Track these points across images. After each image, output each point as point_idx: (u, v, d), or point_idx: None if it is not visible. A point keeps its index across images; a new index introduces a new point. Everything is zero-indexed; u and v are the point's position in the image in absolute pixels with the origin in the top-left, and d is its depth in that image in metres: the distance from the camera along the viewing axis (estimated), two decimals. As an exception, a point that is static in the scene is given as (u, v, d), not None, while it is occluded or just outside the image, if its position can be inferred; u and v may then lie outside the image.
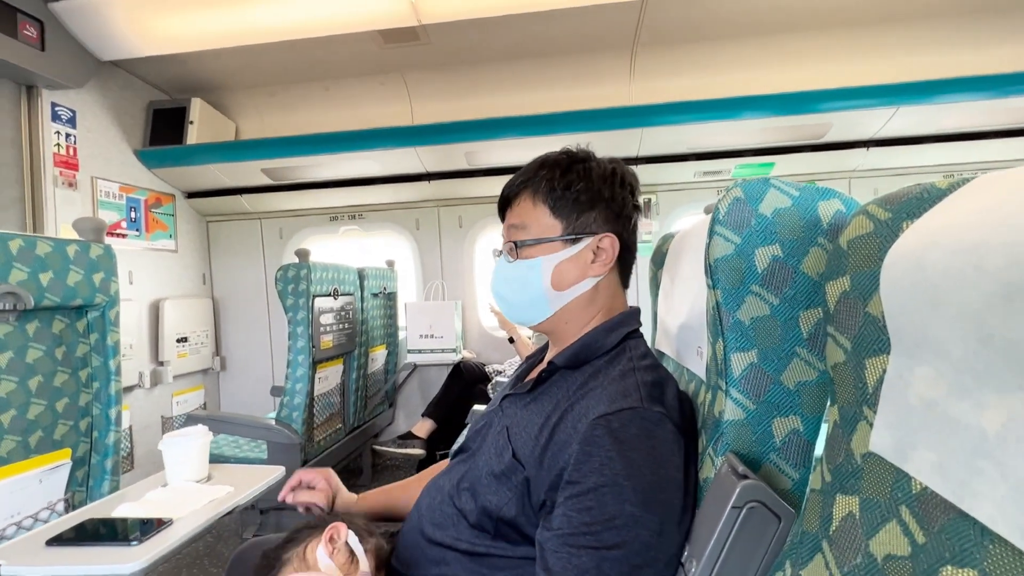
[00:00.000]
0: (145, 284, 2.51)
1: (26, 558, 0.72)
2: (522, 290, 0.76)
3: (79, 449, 1.09)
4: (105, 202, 2.32)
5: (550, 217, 0.74)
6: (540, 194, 0.74)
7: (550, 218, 0.74)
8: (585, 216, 0.73)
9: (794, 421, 0.52)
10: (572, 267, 0.74)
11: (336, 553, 0.68)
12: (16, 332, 0.97)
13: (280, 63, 2.43)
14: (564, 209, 0.73)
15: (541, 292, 0.74)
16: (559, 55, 2.49)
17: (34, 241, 0.96)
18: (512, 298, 0.78)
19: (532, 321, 0.78)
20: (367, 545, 0.70)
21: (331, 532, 0.70)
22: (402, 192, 2.82)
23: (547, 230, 0.74)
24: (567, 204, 0.73)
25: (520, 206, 0.77)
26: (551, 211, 0.74)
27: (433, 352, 2.61)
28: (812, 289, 0.52)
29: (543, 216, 0.74)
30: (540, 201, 0.74)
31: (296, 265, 1.95)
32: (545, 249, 0.74)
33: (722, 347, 0.56)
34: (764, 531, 0.47)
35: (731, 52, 2.46)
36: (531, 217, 0.75)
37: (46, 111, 2.07)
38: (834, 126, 2.32)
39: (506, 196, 0.80)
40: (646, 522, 0.54)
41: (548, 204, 0.74)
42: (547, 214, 0.74)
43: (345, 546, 0.69)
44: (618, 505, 0.54)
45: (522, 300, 0.76)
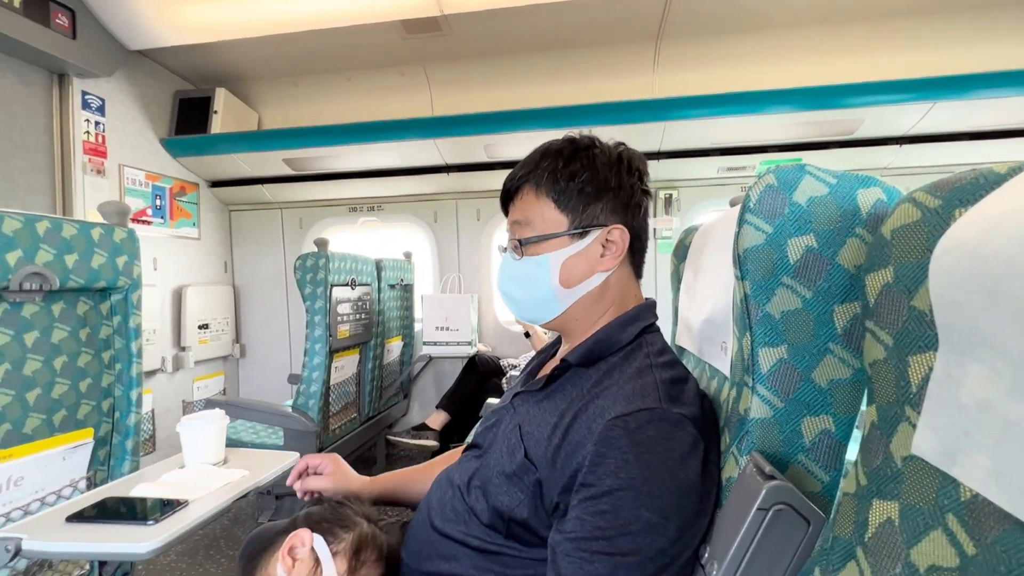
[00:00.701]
0: (169, 271, 2.56)
1: (47, 533, 0.73)
2: (529, 289, 0.73)
3: (101, 429, 1.11)
4: (132, 189, 2.37)
5: (555, 211, 0.70)
6: (543, 187, 0.71)
7: (555, 212, 0.70)
8: (592, 208, 0.70)
9: (825, 421, 0.50)
10: (581, 262, 0.70)
11: (299, 564, 0.64)
12: (42, 312, 0.99)
13: (303, 53, 2.45)
14: (569, 202, 0.70)
15: (549, 290, 0.71)
16: (581, 46, 2.45)
17: (60, 223, 0.98)
18: (519, 297, 0.75)
19: (541, 320, 0.75)
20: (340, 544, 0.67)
21: (292, 542, 0.66)
22: (421, 184, 2.81)
23: (552, 225, 0.70)
24: (572, 196, 0.70)
25: (523, 200, 0.73)
26: (556, 204, 0.70)
27: (448, 344, 2.61)
28: (849, 282, 0.49)
29: (547, 210, 0.71)
30: (544, 194, 0.71)
31: (315, 254, 1.96)
32: (552, 245, 0.70)
33: (749, 342, 0.53)
34: (791, 535, 0.45)
35: (758, 44, 2.39)
36: (535, 212, 0.72)
37: (76, 99, 2.12)
38: (865, 122, 2.24)
39: (507, 190, 0.77)
40: (662, 528, 0.52)
41: (552, 197, 0.70)
42: (551, 208, 0.70)
43: (310, 554, 0.65)
44: (634, 511, 0.52)
45: (530, 299, 0.74)
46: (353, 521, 0.71)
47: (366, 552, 0.68)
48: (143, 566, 1.84)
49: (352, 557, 0.67)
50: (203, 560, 1.91)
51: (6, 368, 0.93)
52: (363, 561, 0.67)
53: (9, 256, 0.89)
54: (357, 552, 0.67)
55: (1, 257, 0.87)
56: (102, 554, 0.74)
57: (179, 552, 1.96)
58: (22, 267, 0.90)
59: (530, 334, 2.55)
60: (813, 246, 0.50)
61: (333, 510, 0.73)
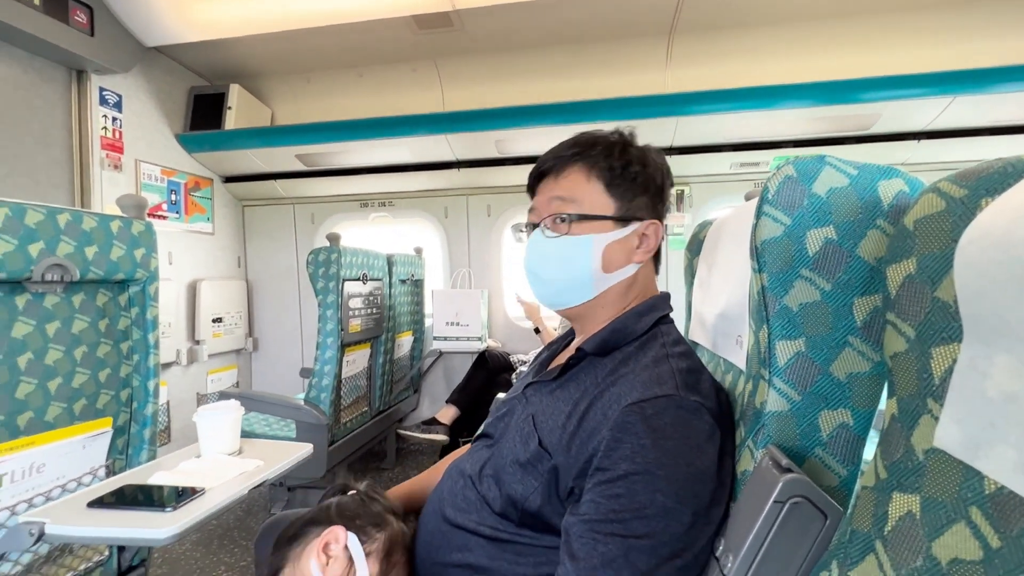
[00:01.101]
0: (184, 265, 2.60)
1: (68, 518, 0.75)
2: (564, 268, 0.71)
3: (119, 418, 1.13)
4: (148, 184, 2.40)
5: (604, 195, 0.70)
6: (596, 169, 0.71)
7: (604, 196, 0.70)
8: (638, 200, 0.71)
9: (843, 415, 0.49)
10: (620, 250, 0.71)
11: (333, 562, 0.64)
12: (63, 303, 1.01)
13: (315, 49, 2.46)
14: (619, 189, 0.70)
15: (588, 272, 0.70)
16: (593, 41, 2.44)
17: (80, 216, 0.99)
18: (550, 276, 0.73)
19: (568, 303, 0.73)
20: (373, 545, 0.67)
21: (327, 539, 0.65)
22: (432, 180, 2.82)
23: (600, 207, 0.70)
24: (623, 184, 0.70)
25: (570, 178, 0.72)
26: (606, 188, 0.70)
27: (459, 340, 2.62)
28: (869, 274, 0.48)
29: (596, 193, 0.70)
30: (595, 176, 0.71)
31: (327, 249, 1.97)
32: (596, 227, 0.70)
33: (766, 334, 0.53)
34: (808, 528, 0.45)
35: (772, 38, 2.36)
36: (583, 191, 0.71)
37: (94, 95, 2.15)
38: (882, 117, 2.20)
39: (551, 166, 0.74)
40: (677, 514, 0.52)
41: (603, 181, 0.70)
42: (601, 191, 0.70)
43: (344, 552, 0.65)
44: (649, 495, 0.52)
45: (563, 279, 0.71)
46: (385, 519, 0.70)
47: (397, 554, 0.68)
48: (159, 554, 1.88)
49: (384, 559, 0.66)
50: (217, 549, 1.94)
51: (29, 357, 0.95)
52: (394, 563, 0.67)
53: (31, 247, 0.90)
54: (389, 554, 0.67)
55: (24, 248, 0.89)
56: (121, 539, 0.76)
57: (194, 541, 1.99)
58: (44, 258, 0.92)
59: (540, 330, 2.55)
60: (833, 238, 0.49)
61: (364, 505, 0.72)
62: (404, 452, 2.90)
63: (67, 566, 1.02)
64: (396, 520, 0.72)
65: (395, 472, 2.65)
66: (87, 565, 1.05)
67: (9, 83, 1.90)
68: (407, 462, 2.77)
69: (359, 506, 0.72)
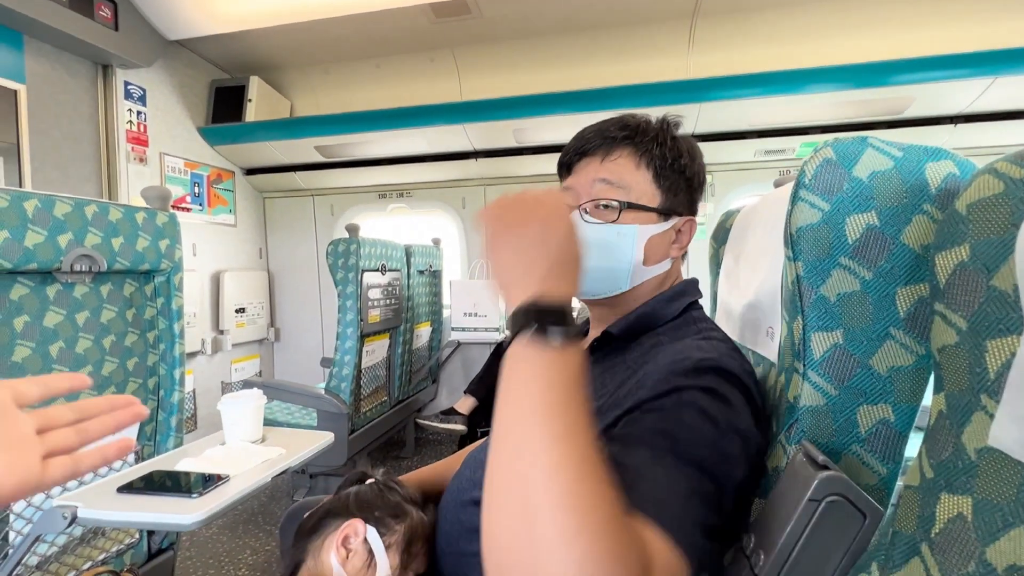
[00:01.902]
0: (207, 256, 2.65)
1: (100, 503, 0.77)
2: (605, 257, 0.66)
3: (147, 406, 1.15)
4: (172, 177, 2.45)
5: (652, 185, 0.67)
6: (647, 156, 0.67)
7: (651, 186, 0.67)
8: (682, 195, 0.69)
9: (884, 410, 0.47)
10: (661, 243, 0.68)
11: (353, 556, 0.64)
12: (91, 293, 1.03)
13: (333, 41, 2.46)
14: (667, 181, 0.67)
15: (628, 263, 0.67)
16: (613, 27, 2.39)
17: (107, 207, 1.01)
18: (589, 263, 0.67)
19: (602, 293, 0.69)
20: (393, 537, 0.66)
21: (346, 532, 0.65)
22: (449, 170, 2.81)
23: (647, 197, 0.67)
24: (671, 177, 0.68)
25: (619, 162, 0.68)
26: (654, 178, 0.67)
27: (477, 330, 2.62)
28: (914, 262, 0.46)
29: (645, 182, 0.67)
30: (644, 164, 0.67)
31: (347, 240, 1.98)
32: (641, 218, 0.66)
33: (801, 326, 0.51)
34: (846, 528, 0.43)
35: (799, 20, 2.28)
36: (633, 178, 0.67)
37: (119, 89, 2.19)
38: (916, 100, 2.11)
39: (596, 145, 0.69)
40: (724, 446, 0.47)
41: (652, 170, 0.67)
42: (649, 181, 0.67)
43: (363, 546, 0.65)
44: (695, 421, 0.47)
45: (601, 268, 0.67)
46: (404, 510, 0.70)
47: (416, 545, 0.67)
48: (187, 537, 1.93)
49: (404, 551, 0.66)
50: (242, 534, 1.99)
51: (60, 346, 0.98)
52: (414, 554, 0.67)
53: (61, 238, 0.92)
54: (409, 545, 0.66)
55: (54, 239, 0.91)
56: (150, 524, 0.77)
57: (220, 526, 2.04)
58: (73, 249, 0.94)
59: (558, 321, 2.53)
60: (875, 224, 0.46)
61: (382, 495, 0.71)
62: (423, 441, 2.93)
63: (100, 548, 1.05)
64: (416, 510, 0.71)
65: (414, 461, 2.68)
66: (119, 547, 1.08)
67: (38, 78, 1.94)
68: (426, 451, 2.80)
69: (377, 496, 0.71)
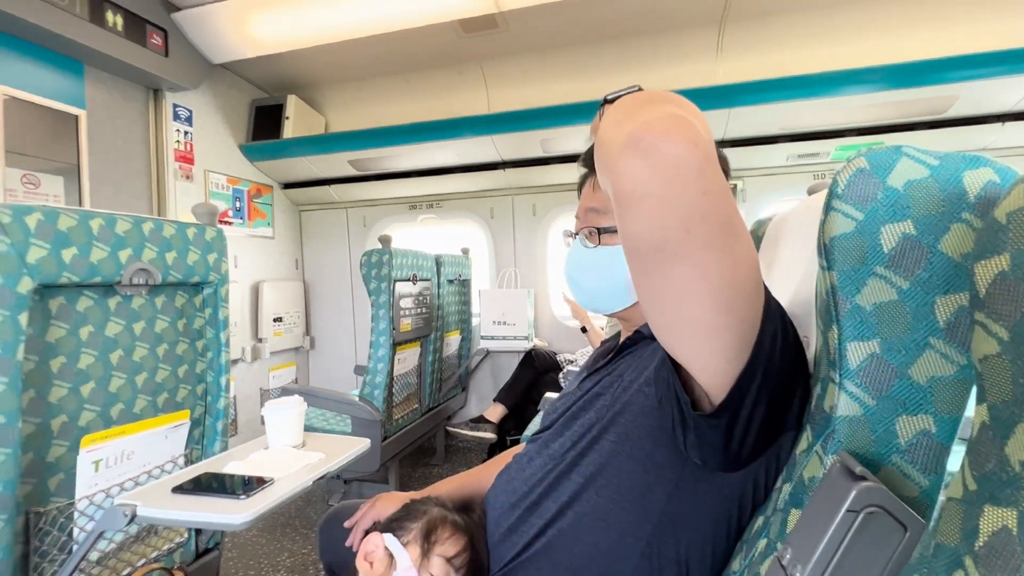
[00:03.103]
0: (247, 268, 2.76)
1: (156, 502, 0.82)
2: (600, 278, 0.72)
3: (196, 411, 1.22)
4: (215, 192, 2.57)
5: None
6: None
7: None
8: None
9: (924, 421, 0.46)
10: None
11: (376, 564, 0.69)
12: (147, 304, 1.10)
13: (365, 58, 2.55)
14: None
15: (621, 282, 0.71)
16: (640, 35, 2.39)
17: (161, 224, 1.08)
18: (588, 285, 0.75)
19: (608, 310, 0.75)
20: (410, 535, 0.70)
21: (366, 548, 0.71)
22: (478, 181, 2.86)
23: None
24: None
25: (599, 190, 0.72)
26: None
27: (505, 339, 2.64)
28: (953, 271, 0.45)
29: None
30: None
31: (380, 251, 2.04)
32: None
33: (836, 336, 0.50)
34: (886, 541, 0.42)
35: (832, 21, 2.23)
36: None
37: (168, 111, 2.32)
38: (960, 98, 2.03)
39: (585, 173, 0.75)
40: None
41: None
42: None
43: (384, 552, 0.69)
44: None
45: (599, 288, 0.73)
46: (421, 511, 0.74)
47: (437, 532, 0.70)
48: (229, 539, 2.01)
49: (423, 541, 0.69)
50: (280, 536, 2.05)
51: (120, 354, 1.04)
52: (435, 541, 0.69)
53: (121, 254, 0.99)
54: (427, 535, 0.70)
55: (115, 255, 0.98)
56: (202, 523, 0.82)
57: (259, 528, 2.11)
58: (132, 264, 1.01)
59: (587, 329, 2.53)
60: (911, 233, 0.46)
61: (404, 509, 0.77)
62: (453, 449, 2.95)
63: (153, 546, 1.11)
64: (437, 507, 0.75)
65: (444, 468, 2.71)
66: (169, 546, 1.14)
67: (96, 103, 2.08)
68: (456, 459, 2.83)
69: (400, 511, 0.77)
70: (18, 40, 1.81)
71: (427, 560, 0.67)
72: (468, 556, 0.69)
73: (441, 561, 0.67)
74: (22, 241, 0.83)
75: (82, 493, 0.97)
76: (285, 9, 2.09)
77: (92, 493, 0.98)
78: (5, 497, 0.82)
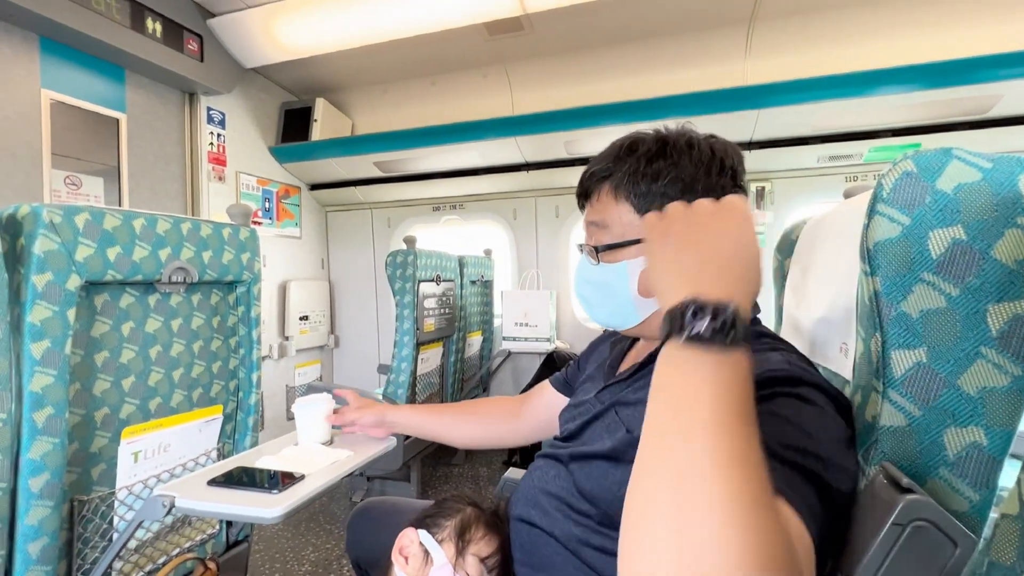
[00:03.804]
0: (276, 267, 2.83)
1: (193, 494, 0.84)
2: (606, 296, 0.69)
3: (228, 406, 1.25)
4: (246, 194, 2.64)
5: (634, 215, 0.64)
6: (622, 188, 0.65)
7: (635, 216, 0.64)
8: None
9: (975, 433, 0.45)
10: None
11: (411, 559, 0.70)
12: (184, 302, 1.14)
13: (392, 61, 2.58)
14: (648, 203, 0.63)
15: (628, 299, 0.66)
16: (666, 36, 2.37)
17: (199, 224, 1.11)
18: (595, 301, 0.71)
19: (618, 327, 0.71)
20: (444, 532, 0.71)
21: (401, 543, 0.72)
22: (501, 182, 2.87)
23: (631, 230, 0.64)
24: (654, 199, 0.63)
25: (600, 202, 0.68)
26: (635, 209, 0.64)
27: (527, 340, 2.64)
28: (1007, 279, 0.43)
29: (626, 213, 0.65)
30: (622, 197, 0.65)
31: (404, 251, 2.06)
32: (631, 252, 0.65)
33: (879, 343, 0.49)
34: (934, 556, 0.41)
35: (867, 19, 2.17)
36: (613, 215, 0.66)
37: (203, 115, 2.39)
38: (1004, 98, 1.95)
39: (586, 188, 0.71)
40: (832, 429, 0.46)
41: (631, 201, 0.64)
42: (630, 211, 0.64)
43: (419, 548, 0.70)
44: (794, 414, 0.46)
45: (606, 305, 0.69)
46: (455, 508, 0.75)
47: (471, 531, 0.71)
48: (256, 532, 2.05)
49: (457, 539, 0.70)
50: (305, 532, 2.09)
51: (158, 349, 1.08)
52: (469, 540, 0.70)
53: (162, 252, 1.02)
54: (462, 533, 0.70)
55: (156, 253, 1.01)
56: (237, 515, 0.84)
57: (285, 523, 2.16)
58: (171, 262, 1.04)
59: (609, 332, 2.51)
60: (961, 238, 0.45)
61: (437, 505, 0.78)
62: (473, 449, 2.97)
63: (187, 536, 1.14)
64: (471, 506, 0.76)
65: (464, 468, 2.72)
66: (202, 536, 1.17)
67: (136, 107, 2.16)
68: (476, 459, 2.84)
69: (433, 507, 0.77)
70: (64, 47, 1.89)
71: (462, 559, 0.68)
72: (501, 557, 0.69)
73: (476, 561, 0.68)
74: (71, 240, 0.87)
75: (122, 483, 1.00)
76: (314, 14, 2.14)
77: (131, 483, 1.02)
78: (53, 485, 0.86)
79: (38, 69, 1.83)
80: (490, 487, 2.45)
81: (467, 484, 2.53)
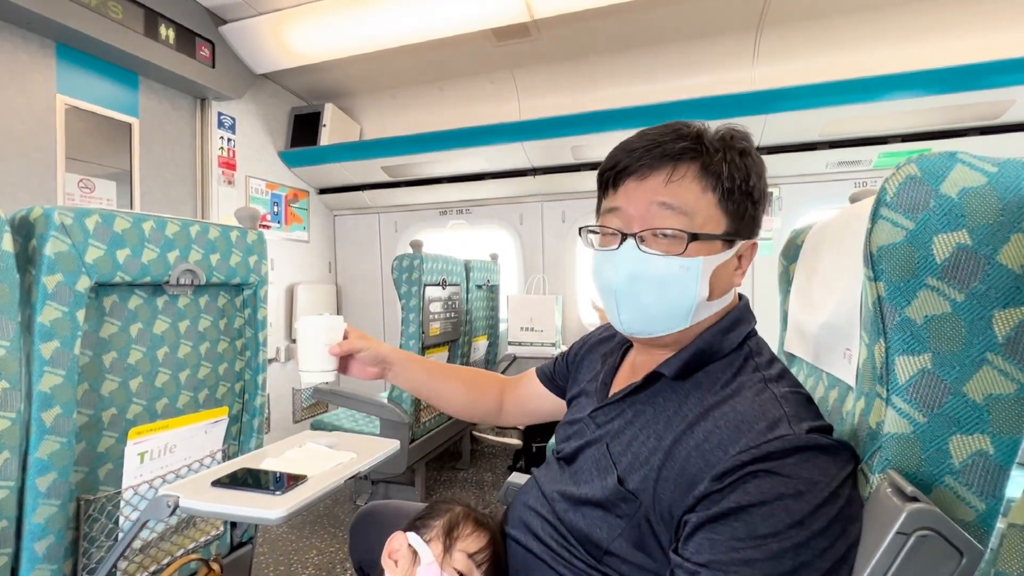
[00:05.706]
0: (283, 270, 2.85)
1: (197, 494, 0.84)
2: (667, 293, 0.59)
3: (234, 408, 1.26)
4: (255, 197, 2.67)
5: (716, 209, 0.59)
6: (713, 177, 0.58)
7: (716, 210, 0.59)
8: (749, 217, 0.61)
9: (981, 441, 0.44)
10: (725, 274, 0.61)
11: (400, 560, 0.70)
12: (192, 304, 1.15)
13: (400, 67, 2.61)
14: (733, 204, 0.59)
15: (692, 299, 0.59)
16: (674, 42, 2.37)
17: (207, 227, 1.13)
18: (648, 300, 0.60)
19: (657, 332, 0.62)
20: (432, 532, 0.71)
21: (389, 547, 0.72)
22: (507, 187, 2.88)
23: (713, 224, 0.59)
24: (739, 197, 0.59)
25: (679, 183, 0.58)
26: (719, 202, 0.59)
27: (533, 345, 2.64)
28: (1013, 284, 0.43)
29: (709, 206, 0.58)
30: (710, 185, 0.58)
31: (411, 255, 2.07)
32: (706, 248, 0.58)
33: (883, 349, 0.48)
34: (939, 566, 0.40)
35: (876, 24, 2.16)
36: (699, 202, 0.58)
37: (213, 120, 2.43)
38: (1016, 103, 1.93)
39: (656, 160, 0.58)
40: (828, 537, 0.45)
41: (719, 193, 0.58)
42: (714, 204, 0.59)
43: (408, 549, 0.70)
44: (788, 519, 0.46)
45: (661, 305, 0.60)
46: (444, 509, 0.75)
47: (459, 528, 0.71)
48: (260, 534, 2.06)
49: (445, 536, 0.70)
50: (308, 535, 2.09)
51: (165, 351, 1.09)
52: (457, 536, 0.70)
53: (170, 255, 1.04)
54: (449, 531, 0.70)
55: (164, 256, 1.02)
56: (241, 516, 0.84)
57: (289, 526, 2.16)
58: (179, 264, 1.06)
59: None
60: (966, 243, 0.44)
61: (427, 508, 0.78)
62: (478, 454, 2.96)
63: (191, 538, 1.15)
64: (460, 506, 0.76)
65: (469, 473, 2.72)
66: (206, 538, 1.18)
67: (148, 112, 2.19)
68: (481, 463, 2.83)
69: (425, 511, 0.77)
70: (80, 53, 1.93)
71: (449, 556, 0.68)
72: (490, 553, 0.69)
73: (463, 556, 0.68)
74: (82, 242, 0.88)
75: (128, 483, 1.01)
76: (324, 21, 2.16)
77: (137, 483, 1.03)
78: (60, 484, 0.87)
79: (54, 75, 1.87)
80: (494, 491, 2.44)
81: (471, 488, 2.52)
